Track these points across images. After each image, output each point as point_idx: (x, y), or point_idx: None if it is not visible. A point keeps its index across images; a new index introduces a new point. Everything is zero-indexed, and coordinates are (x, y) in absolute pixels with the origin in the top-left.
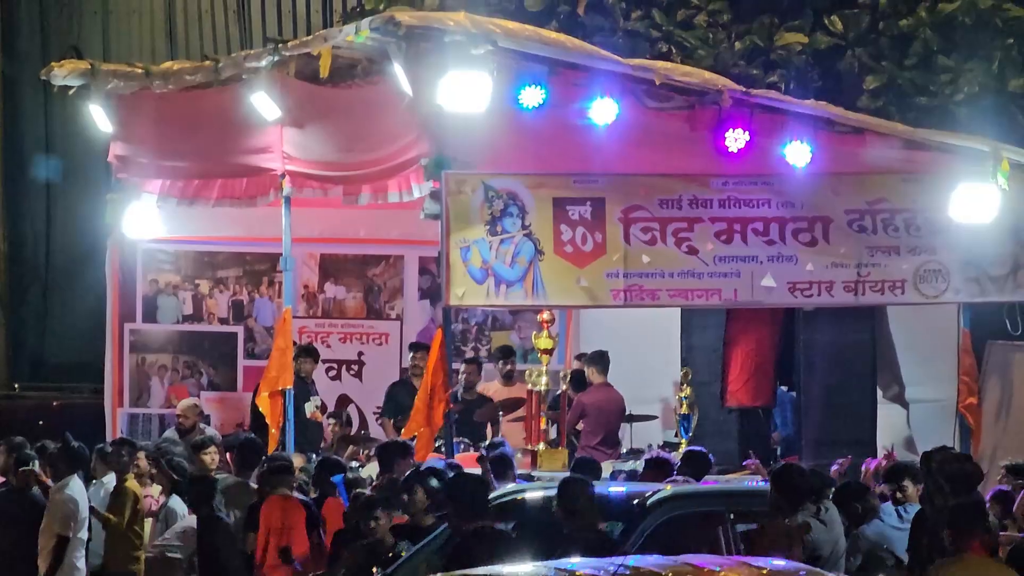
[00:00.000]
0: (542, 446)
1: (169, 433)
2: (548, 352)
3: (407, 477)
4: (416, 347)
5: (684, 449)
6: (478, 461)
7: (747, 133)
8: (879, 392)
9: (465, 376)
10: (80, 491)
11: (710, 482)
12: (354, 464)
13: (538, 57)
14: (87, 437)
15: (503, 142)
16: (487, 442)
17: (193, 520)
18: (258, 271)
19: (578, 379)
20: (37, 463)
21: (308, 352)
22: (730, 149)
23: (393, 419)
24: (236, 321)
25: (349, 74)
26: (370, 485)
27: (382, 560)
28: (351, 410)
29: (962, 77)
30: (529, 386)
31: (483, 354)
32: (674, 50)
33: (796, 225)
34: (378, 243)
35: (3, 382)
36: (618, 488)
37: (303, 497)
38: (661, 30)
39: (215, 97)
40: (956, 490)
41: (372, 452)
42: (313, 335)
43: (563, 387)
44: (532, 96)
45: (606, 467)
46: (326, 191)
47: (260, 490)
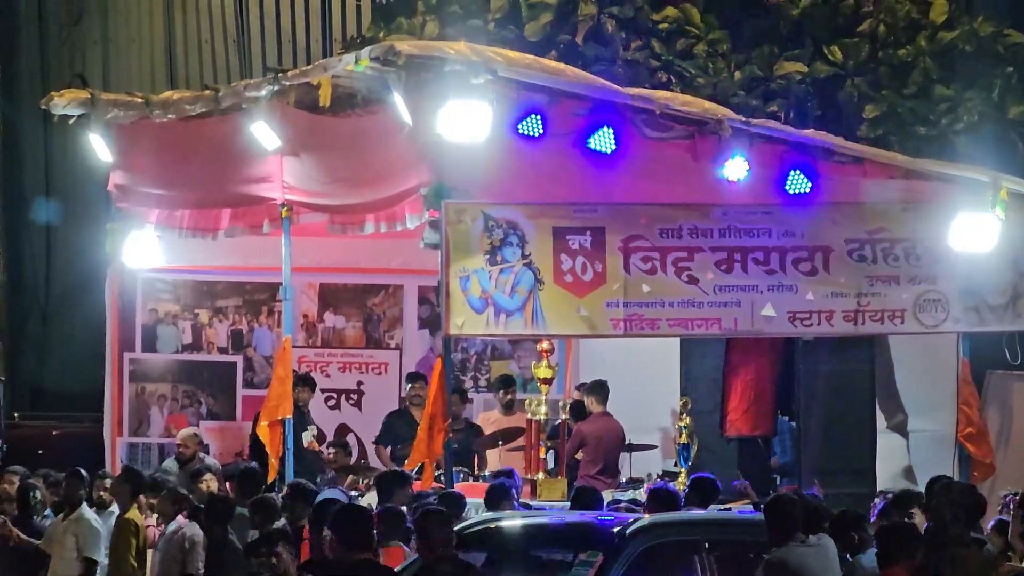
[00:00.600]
0: (541, 475)
1: (168, 463)
2: (547, 382)
3: (314, 509)
4: (414, 377)
5: (691, 476)
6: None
7: (747, 163)
8: (879, 421)
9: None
10: (97, 518)
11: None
12: (354, 493)
13: (538, 86)
14: (87, 466)
15: (503, 171)
16: (487, 471)
17: None
18: (257, 300)
19: (577, 409)
20: (39, 492)
21: (305, 381)
22: (730, 179)
23: (390, 448)
24: (235, 350)
25: (349, 104)
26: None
27: None
28: (350, 439)
29: (961, 106)
30: (528, 415)
31: (482, 383)
32: (674, 80)
33: (796, 254)
34: (378, 272)
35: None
36: (596, 517)
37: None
38: (660, 60)
39: (215, 126)
40: (970, 520)
41: (371, 481)
42: (313, 364)
43: (563, 416)
44: (532, 125)
45: (606, 496)
46: (326, 221)
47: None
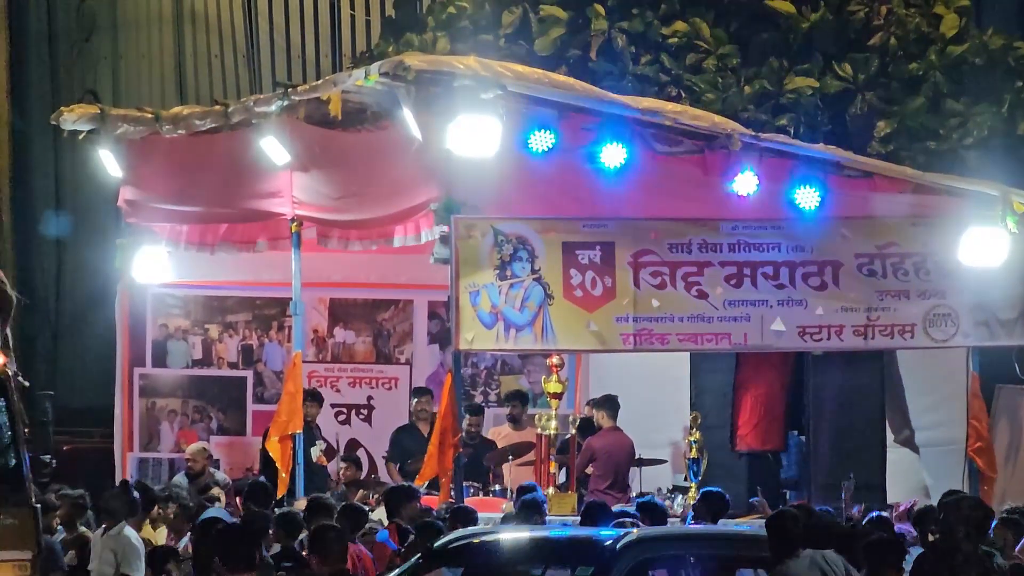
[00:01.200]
0: (551, 490)
1: (178, 478)
2: (557, 396)
3: (199, 528)
4: (419, 392)
5: (700, 491)
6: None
7: (757, 177)
8: (889, 436)
9: (469, 427)
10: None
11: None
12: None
13: (547, 101)
14: (97, 482)
15: (512, 186)
16: (498, 486)
17: None
18: (267, 316)
19: (586, 426)
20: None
21: (312, 396)
22: (739, 193)
23: (399, 464)
24: (245, 365)
25: (358, 119)
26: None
27: None
28: (360, 454)
29: (971, 121)
30: (539, 430)
31: (492, 398)
32: (683, 94)
33: (806, 269)
34: (387, 288)
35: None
36: (586, 532)
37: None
38: (670, 74)
39: (225, 142)
40: (980, 534)
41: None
42: (323, 379)
43: (572, 431)
44: (541, 140)
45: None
46: (336, 236)
47: None
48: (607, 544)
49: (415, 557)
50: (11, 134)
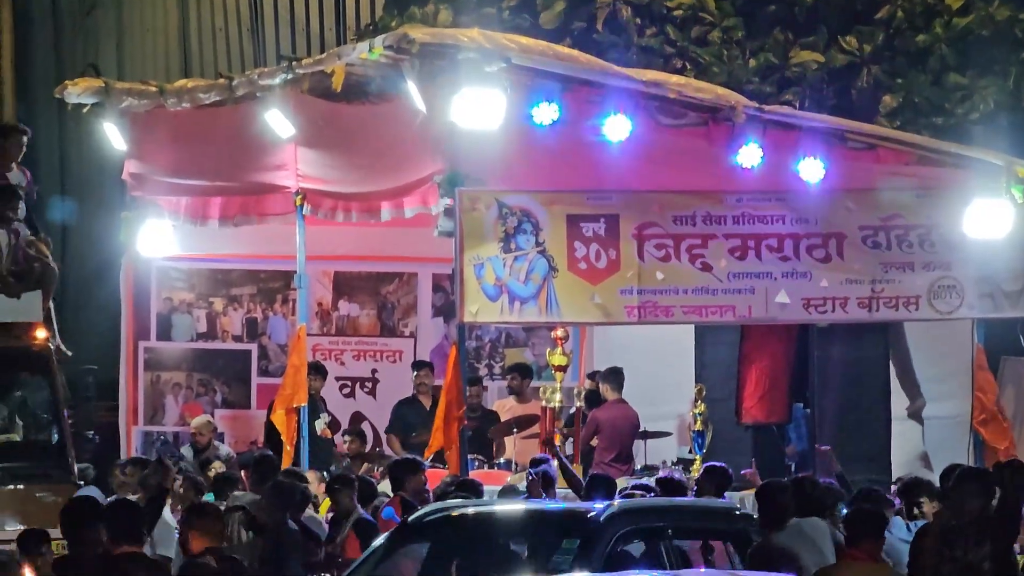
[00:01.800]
0: (556, 463)
1: (184, 451)
2: (562, 369)
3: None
4: (419, 365)
5: (704, 464)
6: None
7: (761, 149)
8: (903, 406)
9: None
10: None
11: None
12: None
13: (552, 74)
14: (102, 456)
15: (517, 159)
16: (502, 458)
17: None
18: (272, 289)
19: (593, 398)
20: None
21: (316, 369)
22: (744, 165)
23: (401, 437)
24: (250, 339)
25: (363, 92)
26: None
27: None
28: (365, 427)
29: (977, 94)
30: (543, 403)
31: (497, 371)
32: (688, 66)
33: (810, 241)
34: (392, 260)
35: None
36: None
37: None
38: (675, 46)
39: (229, 115)
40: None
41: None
42: (327, 352)
43: (577, 404)
44: (546, 113)
45: (620, 483)
46: (340, 209)
47: None
48: (591, 516)
49: (392, 529)
50: (16, 108)
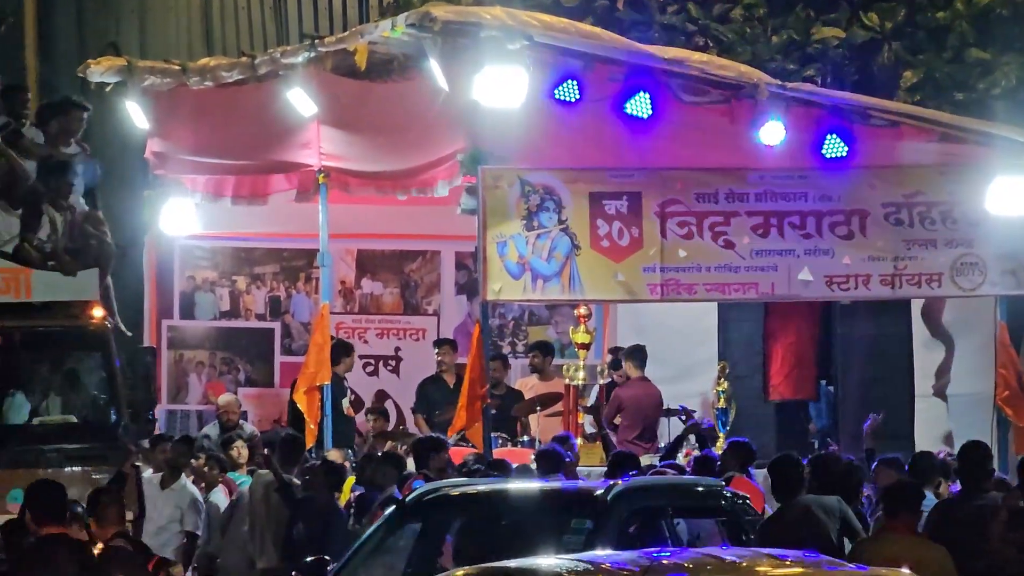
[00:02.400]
0: (580, 440)
1: (209, 429)
2: (585, 347)
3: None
4: (440, 343)
5: (728, 441)
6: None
7: (783, 127)
8: (928, 383)
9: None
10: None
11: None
12: None
13: (574, 52)
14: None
15: (539, 137)
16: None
17: None
18: (295, 267)
19: (615, 366)
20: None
21: (345, 349)
22: (766, 143)
23: (426, 415)
24: (273, 317)
25: (385, 70)
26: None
27: None
28: (388, 405)
29: (998, 70)
30: (567, 381)
31: (520, 349)
32: (710, 44)
33: (833, 219)
34: (415, 238)
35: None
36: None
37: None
38: (697, 24)
39: (252, 93)
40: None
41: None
42: (350, 331)
43: (600, 381)
44: (568, 91)
45: (644, 461)
46: (363, 187)
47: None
48: (598, 494)
49: (389, 510)
50: (38, 86)
